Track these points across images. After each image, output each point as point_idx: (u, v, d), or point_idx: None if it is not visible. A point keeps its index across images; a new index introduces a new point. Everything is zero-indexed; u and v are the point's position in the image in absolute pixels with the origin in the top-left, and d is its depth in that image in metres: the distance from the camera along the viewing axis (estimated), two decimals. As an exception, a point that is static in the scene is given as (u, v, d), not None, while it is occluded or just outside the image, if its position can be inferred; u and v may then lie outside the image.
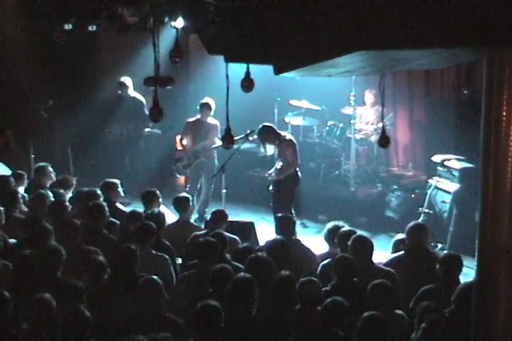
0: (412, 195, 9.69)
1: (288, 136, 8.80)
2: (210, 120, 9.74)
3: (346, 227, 6.34)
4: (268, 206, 9.07)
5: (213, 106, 9.58)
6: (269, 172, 8.82)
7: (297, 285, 5.15)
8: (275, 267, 5.49)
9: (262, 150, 8.82)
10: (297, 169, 8.73)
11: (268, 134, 8.62)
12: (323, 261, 6.10)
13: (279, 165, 8.70)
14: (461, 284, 5.17)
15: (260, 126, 8.68)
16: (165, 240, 6.51)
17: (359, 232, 6.38)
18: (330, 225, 6.55)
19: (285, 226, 6.59)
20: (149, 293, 4.98)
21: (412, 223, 6.38)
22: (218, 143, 9.19)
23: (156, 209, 6.91)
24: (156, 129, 10.68)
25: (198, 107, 9.75)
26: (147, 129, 10.63)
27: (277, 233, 6.57)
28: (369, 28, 2.90)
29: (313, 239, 8.13)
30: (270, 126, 8.71)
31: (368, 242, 5.88)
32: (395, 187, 10.07)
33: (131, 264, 5.53)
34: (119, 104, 10.40)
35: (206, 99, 9.70)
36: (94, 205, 6.84)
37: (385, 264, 6.06)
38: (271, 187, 8.75)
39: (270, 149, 8.76)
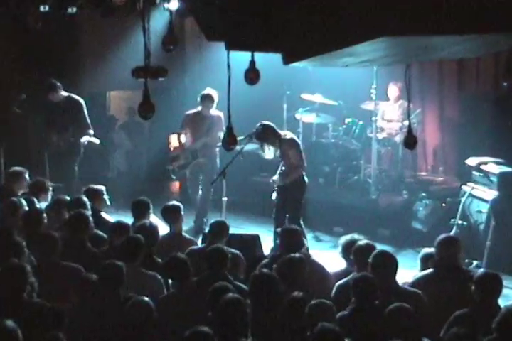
0: (443, 204, 9.68)
1: (289, 134, 8.83)
2: (213, 112, 9.76)
3: (364, 241, 6.33)
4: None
5: (216, 98, 9.60)
6: (273, 178, 8.83)
7: (307, 309, 5.14)
8: (282, 287, 5.49)
9: (261, 153, 8.82)
10: (303, 173, 8.73)
11: (267, 134, 8.64)
12: (338, 280, 6.10)
13: (282, 168, 8.73)
14: (504, 308, 5.15)
15: (258, 126, 8.70)
16: (157, 257, 6.50)
17: (380, 247, 6.37)
18: (345, 239, 6.55)
19: (291, 239, 6.59)
20: (139, 317, 4.98)
21: (442, 236, 6.36)
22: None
23: (148, 221, 6.91)
24: (94, 138, 9.84)
25: (199, 99, 9.77)
26: (85, 138, 9.78)
27: (281, 247, 6.56)
28: (393, 11, 2.91)
29: (328, 255, 8.12)
30: (269, 125, 8.73)
31: (392, 259, 5.87)
32: (423, 194, 10.06)
33: (116, 283, 5.54)
34: (53, 108, 9.85)
35: (208, 90, 9.73)
36: (77, 215, 6.84)
37: (411, 284, 6.05)
38: (274, 196, 8.74)
39: (270, 152, 8.78)
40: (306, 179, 8.75)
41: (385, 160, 11.03)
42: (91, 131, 9.83)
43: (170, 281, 6.11)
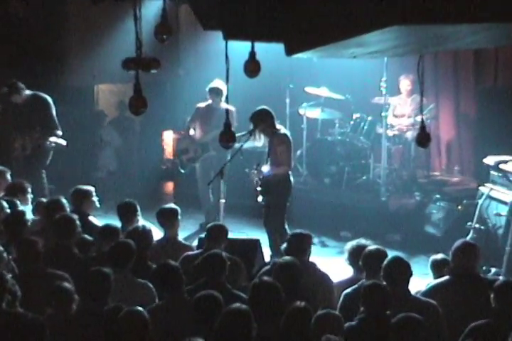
0: (459, 207, 9.67)
1: (283, 129, 8.81)
2: (224, 105, 9.77)
3: (374, 246, 6.33)
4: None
5: (224, 92, 9.59)
6: (254, 168, 8.75)
7: (313, 320, 5.15)
8: (284, 296, 5.49)
9: (251, 138, 8.74)
10: (289, 172, 8.68)
11: (262, 119, 8.57)
12: (345, 289, 6.10)
13: (267, 161, 8.68)
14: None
15: (258, 108, 8.67)
16: (152, 264, 6.50)
17: (391, 253, 6.37)
18: (352, 244, 6.55)
19: (298, 245, 6.58)
20: (133, 329, 4.98)
21: (458, 242, 6.37)
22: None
23: (141, 225, 6.91)
24: (62, 139, 9.61)
25: (208, 91, 9.84)
26: (53, 140, 9.57)
27: (286, 252, 6.56)
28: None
29: (335, 262, 8.12)
30: (269, 111, 8.70)
31: (406, 265, 5.88)
32: (437, 196, 10.06)
33: (102, 292, 5.54)
34: (17, 109, 9.71)
35: (215, 83, 9.73)
36: (63, 219, 6.85)
37: (425, 293, 6.05)
38: (260, 198, 8.69)
39: (260, 140, 8.73)
40: (291, 179, 8.69)
41: (396, 159, 11.02)
42: (59, 132, 9.68)
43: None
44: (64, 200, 7.51)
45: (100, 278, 5.57)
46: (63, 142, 9.62)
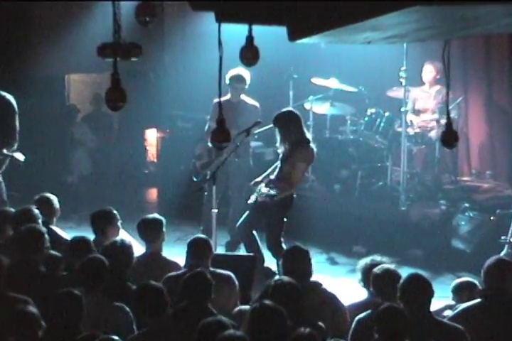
0: (492, 217, 9.67)
1: (311, 144, 8.71)
2: (247, 100, 9.77)
3: (383, 266, 6.31)
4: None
5: (248, 80, 9.57)
6: (256, 179, 8.77)
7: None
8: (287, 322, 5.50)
9: (277, 145, 8.74)
10: (293, 192, 8.70)
11: (290, 125, 8.55)
12: (358, 313, 6.10)
13: (274, 175, 8.67)
14: None
15: (283, 111, 8.68)
16: (131, 284, 6.51)
17: (412, 271, 6.37)
18: (365, 262, 6.56)
19: (297, 263, 6.59)
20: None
21: (491, 259, 6.37)
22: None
23: (120, 239, 6.90)
24: (19, 154, 9.25)
25: (228, 82, 9.68)
26: (7, 153, 9.20)
27: (284, 272, 6.58)
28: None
29: (346, 282, 8.13)
30: (298, 116, 8.69)
31: (427, 285, 5.88)
32: (467, 205, 10.06)
33: (74, 317, 5.52)
34: None
35: (237, 70, 9.56)
36: (29, 231, 6.84)
37: (452, 318, 6.06)
38: (252, 200, 8.70)
39: (281, 146, 8.75)
40: (294, 196, 8.73)
41: (418, 162, 11.03)
42: (15, 144, 9.29)
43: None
44: (36, 211, 7.49)
45: (71, 301, 5.57)
46: (21, 157, 9.26)
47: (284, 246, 8.52)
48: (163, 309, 5.79)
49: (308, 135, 8.83)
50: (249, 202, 8.73)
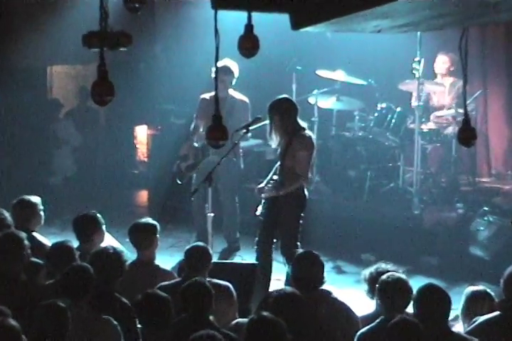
0: (513, 222, 9.70)
1: (308, 131, 8.73)
2: (235, 95, 9.74)
3: (397, 273, 6.30)
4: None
5: (236, 72, 9.50)
6: (260, 185, 8.77)
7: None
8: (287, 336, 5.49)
9: (268, 137, 8.73)
10: (304, 185, 8.65)
11: (285, 114, 8.52)
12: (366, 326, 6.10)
13: (276, 174, 8.65)
14: None
15: (278, 97, 8.63)
16: (120, 296, 6.49)
17: (426, 280, 6.37)
18: (370, 271, 6.55)
19: (308, 269, 6.58)
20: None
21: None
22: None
23: (110, 246, 6.89)
24: None
25: (213, 75, 9.64)
26: None
27: (293, 278, 6.57)
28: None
29: (354, 293, 8.13)
30: (294, 103, 8.66)
31: (442, 296, 5.87)
32: (486, 209, 10.06)
33: (57, 331, 5.52)
34: None
35: (224, 61, 9.49)
36: (8, 237, 6.84)
37: (471, 331, 6.05)
38: (259, 211, 8.69)
39: (276, 139, 8.71)
40: (306, 193, 8.67)
41: (433, 162, 11.05)
42: None
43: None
44: (6, 214, 7.50)
45: (55, 313, 5.56)
46: None
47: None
48: (167, 322, 5.85)
49: (304, 123, 8.77)
50: (257, 213, 8.70)
